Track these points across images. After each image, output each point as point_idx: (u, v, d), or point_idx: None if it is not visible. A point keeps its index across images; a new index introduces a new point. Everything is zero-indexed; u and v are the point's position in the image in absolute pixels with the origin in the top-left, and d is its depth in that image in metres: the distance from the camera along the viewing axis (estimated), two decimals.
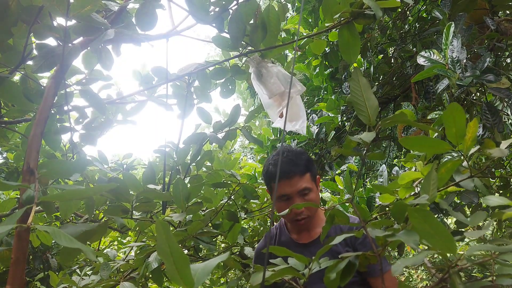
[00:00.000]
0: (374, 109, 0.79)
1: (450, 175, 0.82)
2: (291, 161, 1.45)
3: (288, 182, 1.42)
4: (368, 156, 0.84)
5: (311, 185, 1.46)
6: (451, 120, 0.72)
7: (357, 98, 0.79)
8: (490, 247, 0.62)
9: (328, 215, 0.87)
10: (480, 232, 0.69)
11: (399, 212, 0.76)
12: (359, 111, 0.80)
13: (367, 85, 0.79)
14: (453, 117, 0.71)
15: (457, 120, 0.72)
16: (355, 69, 0.79)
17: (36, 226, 0.70)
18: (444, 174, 0.81)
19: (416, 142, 0.78)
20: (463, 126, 0.73)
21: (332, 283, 0.78)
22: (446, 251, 0.61)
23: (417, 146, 0.81)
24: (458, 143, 0.75)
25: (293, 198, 1.43)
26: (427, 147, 0.79)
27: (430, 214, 0.59)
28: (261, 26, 1.47)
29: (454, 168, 0.81)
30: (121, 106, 1.92)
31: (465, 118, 0.72)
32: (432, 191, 0.72)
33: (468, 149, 0.77)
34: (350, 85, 0.80)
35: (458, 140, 0.74)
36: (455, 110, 0.71)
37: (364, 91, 0.79)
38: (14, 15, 1.25)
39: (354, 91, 0.79)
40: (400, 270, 0.61)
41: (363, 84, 0.79)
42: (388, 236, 0.73)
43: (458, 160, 0.82)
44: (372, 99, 0.79)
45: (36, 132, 1.00)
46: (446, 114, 0.72)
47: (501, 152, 0.77)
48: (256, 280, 0.82)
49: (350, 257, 0.80)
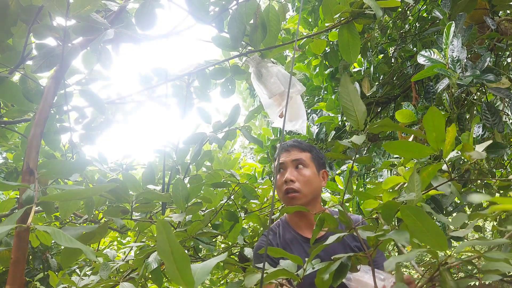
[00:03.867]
0: (362, 113, 0.82)
1: (431, 179, 0.84)
2: (296, 141, 1.58)
3: (287, 153, 1.53)
4: (356, 160, 0.87)
5: (309, 162, 1.51)
6: (431, 125, 0.73)
7: (346, 103, 0.82)
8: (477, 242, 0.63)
9: (318, 219, 0.88)
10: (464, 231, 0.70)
11: (389, 212, 0.77)
12: (348, 116, 0.83)
13: (355, 91, 0.82)
14: (432, 122, 0.72)
15: (436, 125, 0.73)
16: (344, 76, 0.82)
17: (36, 226, 0.70)
18: (425, 178, 0.82)
19: (398, 147, 0.81)
20: (442, 130, 0.73)
21: (324, 284, 0.78)
22: (438, 248, 0.62)
23: (399, 151, 0.83)
24: (438, 147, 0.76)
25: (287, 167, 1.51)
26: (409, 151, 0.81)
27: (421, 211, 0.60)
28: (261, 26, 1.47)
29: (435, 172, 0.82)
30: (121, 106, 1.92)
31: (444, 122, 0.73)
32: (417, 192, 0.74)
33: (447, 153, 0.78)
34: (339, 91, 0.83)
35: (439, 144, 0.75)
36: (435, 115, 0.72)
37: (353, 97, 0.81)
38: (13, 15, 1.25)
39: (344, 97, 0.82)
40: (392, 266, 0.61)
41: (351, 90, 0.82)
42: (379, 236, 0.73)
43: (439, 164, 0.83)
44: (360, 104, 0.82)
45: (36, 132, 0.99)
46: (426, 118, 0.73)
47: (479, 154, 0.78)
48: (251, 281, 0.82)
49: (342, 258, 0.81)
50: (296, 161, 1.50)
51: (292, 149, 1.53)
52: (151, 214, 1.65)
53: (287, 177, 1.47)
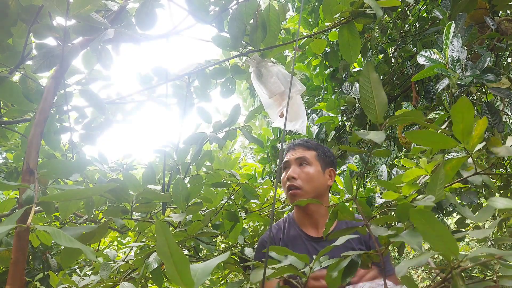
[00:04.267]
0: (382, 106, 0.75)
1: (455, 172, 0.81)
2: (302, 139, 1.60)
3: (292, 152, 1.56)
4: (374, 153, 0.83)
5: (313, 160, 1.52)
6: (459, 116, 0.69)
7: (365, 94, 0.75)
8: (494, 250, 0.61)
9: (332, 212, 0.87)
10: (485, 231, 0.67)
11: (404, 212, 0.75)
12: (367, 108, 0.76)
13: (378, 81, 0.74)
14: (461, 113, 0.69)
15: (465, 117, 0.69)
16: (367, 64, 0.75)
17: (36, 226, 0.70)
18: (449, 171, 0.80)
19: (421, 136, 0.76)
20: (471, 122, 0.70)
21: (333, 282, 0.78)
22: (449, 253, 0.60)
23: (422, 140, 0.77)
24: (464, 139, 0.73)
25: (291, 165, 1.54)
26: (432, 142, 0.77)
27: (433, 216, 0.58)
28: (261, 25, 1.47)
29: (459, 165, 0.80)
30: (121, 106, 1.92)
31: (473, 114, 0.69)
32: (439, 190, 0.71)
33: (474, 146, 0.75)
34: (360, 81, 0.76)
35: (465, 137, 0.72)
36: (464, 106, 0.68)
37: (374, 87, 0.74)
38: (13, 14, 1.25)
39: (364, 87, 0.75)
40: (404, 271, 0.60)
41: (373, 79, 0.75)
42: (391, 236, 0.72)
43: (463, 157, 0.81)
44: (381, 96, 0.75)
45: (36, 132, 0.99)
46: (455, 109, 0.69)
47: (508, 150, 0.76)
48: (256, 277, 0.82)
49: (352, 255, 0.80)
50: (299, 159, 1.53)
51: (298, 147, 1.56)
52: (151, 214, 1.65)
53: (289, 174, 1.50)
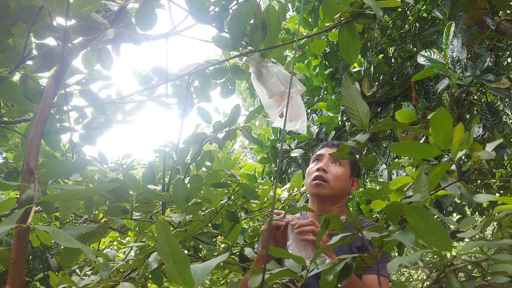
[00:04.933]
0: (365, 113, 0.83)
1: (439, 179, 0.83)
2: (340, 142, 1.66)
3: (328, 148, 1.62)
4: (361, 160, 0.86)
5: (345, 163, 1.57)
6: (438, 125, 0.73)
7: (349, 103, 0.84)
8: (484, 243, 0.62)
9: (323, 220, 0.88)
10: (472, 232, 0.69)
11: (394, 212, 0.77)
12: (352, 116, 0.84)
13: (357, 92, 0.83)
14: (440, 122, 0.72)
15: (444, 125, 0.72)
16: (345, 77, 0.85)
17: (36, 226, 0.70)
18: (434, 178, 0.82)
19: (405, 147, 0.80)
20: (450, 130, 0.73)
21: (328, 285, 0.78)
22: (442, 249, 0.61)
23: (407, 152, 0.83)
24: (446, 147, 0.75)
25: (324, 159, 1.58)
26: (416, 152, 0.81)
27: (426, 212, 0.60)
28: (261, 26, 1.47)
29: (443, 172, 0.82)
30: (121, 106, 1.92)
31: (452, 122, 0.72)
32: (424, 192, 0.73)
33: (455, 153, 0.77)
34: (342, 92, 0.85)
35: (446, 144, 0.75)
36: (442, 115, 0.72)
37: (355, 97, 0.83)
38: (13, 15, 1.25)
39: (346, 97, 0.84)
40: (395, 268, 0.61)
41: (353, 91, 0.83)
42: (384, 237, 0.73)
43: (447, 164, 0.82)
44: (363, 105, 0.83)
45: (36, 132, 0.99)
46: (434, 119, 0.73)
47: (489, 154, 0.77)
48: (255, 282, 0.82)
49: (346, 259, 0.81)
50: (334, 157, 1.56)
51: (335, 147, 1.62)
52: (151, 214, 1.65)
53: (321, 166, 1.54)
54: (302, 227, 1.24)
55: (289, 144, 3.31)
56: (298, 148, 3.20)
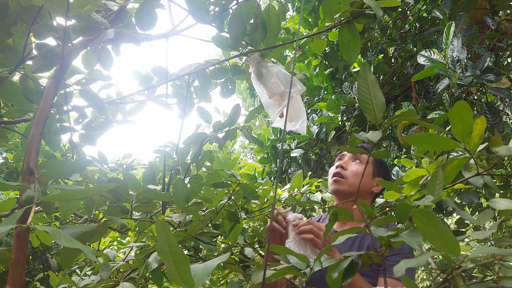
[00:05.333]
0: (380, 107, 0.76)
1: (456, 173, 0.81)
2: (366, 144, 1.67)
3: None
4: (373, 154, 0.84)
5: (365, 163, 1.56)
6: (458, 118, 0.70)
7: (363, 95, 0.76)
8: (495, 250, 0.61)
9: (332, 213, 0.87)
10: (485, 232, 0.67)
11: (403, 212, 0.75)
12: (365, 109, 0.77)
13: (375, 82, 0.76)
14: (459, 115, 0.70)
15: (463, 118, 0.70)
16: (364, 65, 0.76)
17: (36, 226, 0.70)
18: (450, 172, 0.80)
19: (421, 139, 0.77)
20: (470, 123, 0.71)
21: (334, 283, 0.78)
22: (450, 253, 0.60)
23: (422, 144, 0.80)
24: (464, 140, 0.73)
25: (345, 156, 1.63)
26: (432, 144, 0.78)
27: (434, 216, 0.58)
28: (261, 25, 1.47)
29: (461, 166, 0.79)
30: (121, 106, 1.92)
31: (472, 115, 0.70)
32: (438, 191, 0.72)
33: (475, 147, 0.75)
34: (357, 82, 0.77)
35: (465, 137, 0.73)
36: (462, 108, 0.70)
37: (372, 88, 0.76)
38: (13, 14, 1.25)
39: (361, 88, 0.77)
40: (402, 271, 0.61)
41: (370, 81, 0.76)
42: (391, 237, 0.72)
43: (465, 158, 0.80)
44: (379, 97, 0.76)
45: (36, 132, 0.99)
46: (453, 111, 0.70)
47: (509, 150, 0.76)
48: (258, 278, 0.82)
49: (352, 256, 0.80)
50: (355, 155, 1.59)
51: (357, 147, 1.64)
52: (151, 214, 1.65)
53: (339, 163, 1.58)
54: (301, 228, 1.26)
55: (289, 144, 3.32)
56: (298, 148, 3.20)
